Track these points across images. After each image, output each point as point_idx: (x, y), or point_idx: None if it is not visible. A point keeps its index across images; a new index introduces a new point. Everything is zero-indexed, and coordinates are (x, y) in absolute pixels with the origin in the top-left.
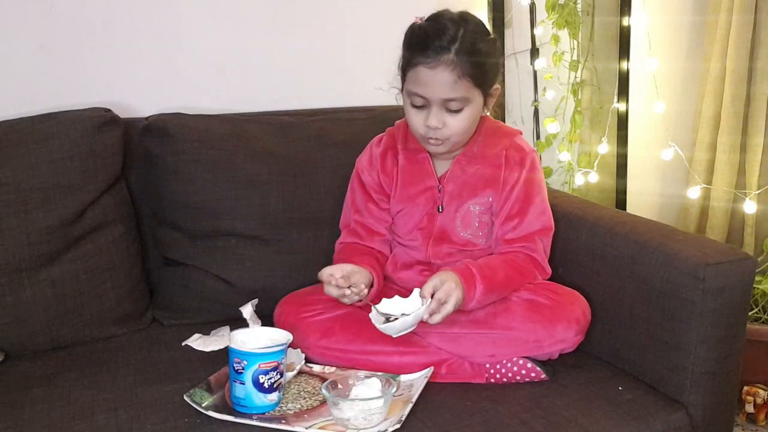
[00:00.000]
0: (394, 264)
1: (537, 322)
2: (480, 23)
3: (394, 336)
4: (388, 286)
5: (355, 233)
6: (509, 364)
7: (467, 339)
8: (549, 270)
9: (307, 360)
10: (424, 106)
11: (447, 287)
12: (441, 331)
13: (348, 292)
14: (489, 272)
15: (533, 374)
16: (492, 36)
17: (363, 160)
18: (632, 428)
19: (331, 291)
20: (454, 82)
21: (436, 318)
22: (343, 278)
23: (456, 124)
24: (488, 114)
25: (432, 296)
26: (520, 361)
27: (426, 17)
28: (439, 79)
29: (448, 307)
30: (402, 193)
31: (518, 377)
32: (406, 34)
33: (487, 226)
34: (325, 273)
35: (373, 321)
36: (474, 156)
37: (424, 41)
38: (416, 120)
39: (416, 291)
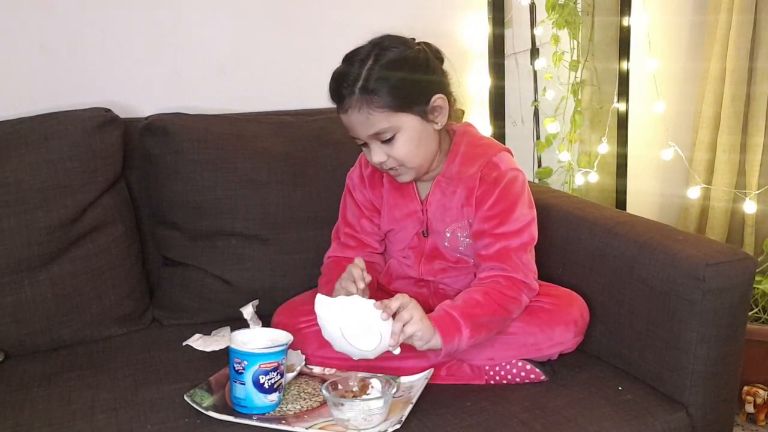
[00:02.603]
0: (388, 275)
1: (535, 325)
2: (399, 44)
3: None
4: (385, 293)
5: (345, 246)
6: (508, 366)
7: None
8: (536, 286)
9: (307, 362)
10: (365, 144)
11: (410, 310)
12: None
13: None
14: (475, 311)
15: (533, 375)
16: (416, 49)
17: (354, 177)
18: (632, 428)
19: (350, 287)
20: (367, 118)
21: (417, 343)
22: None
23: (397, 152)
24: (439, 126)
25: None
26: (519, 363)
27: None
28: (355, 120)
29: (409, 331)
30: (389, 215)
31: (518, 379)
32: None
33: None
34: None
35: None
36: (452, 177)
37: (333, 90)
38: (368, 158)
39: (370, 302)
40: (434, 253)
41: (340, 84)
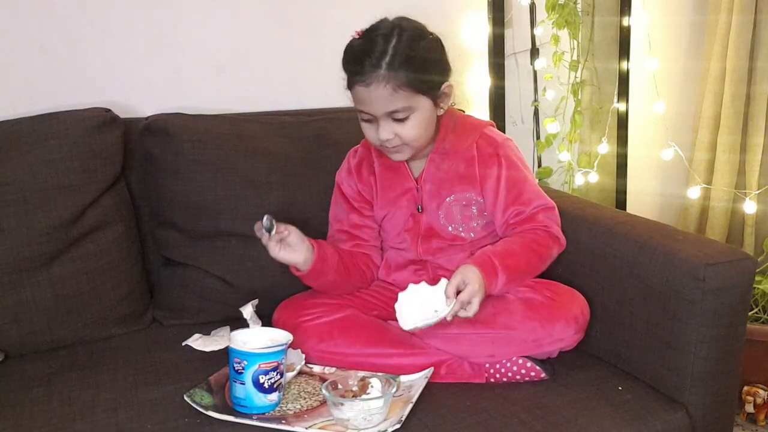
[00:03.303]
0: (387, 267)
1: (536, 320)
2: (416, 29)
3: (405, 329)
4: (385, 287)
5: (339, 241)
6: (509, 364)
7: (466, 339)
8: (564, 240)
9: (307, 361)
10: (371, 120)
11: (470, 289)
12: (440, 331)
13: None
14: (511, 261)
15: (533, 373)
16: (432, 37)
17: (342, 172)
18: (632, 428)
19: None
20: (390, 95)
21: (460, 316)
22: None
23: (407, 132)
24: (442, 112)
25: (456, 294)
26: (520, 361)
27: (361, 32)
28: (376, 95)
29: (474, 308)
30: (383, 197)
31: (518, 377)
32: (343, 54)
33: (471, 220)
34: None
35: (398, 312)
36: (446, 152)
37: (355, 61)
38: (369, 134)
39: (443, 282)
40: (430, 233)
41: (366, 56)
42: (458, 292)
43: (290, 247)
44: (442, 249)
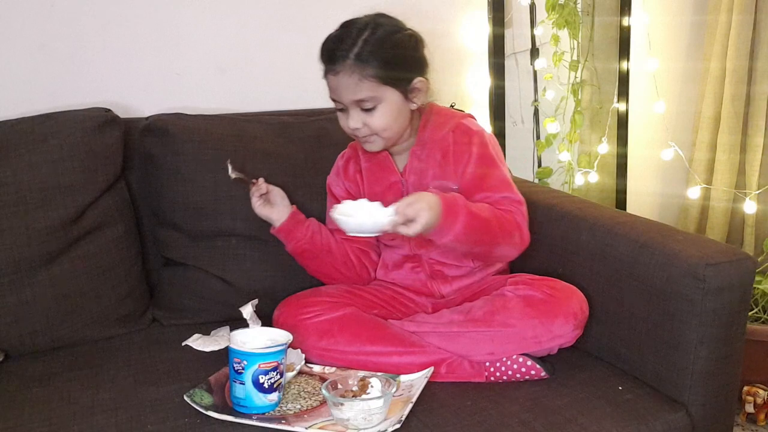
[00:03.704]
0: (385, 267)
1: (534, 317)
2: (392, 24)
3: (348, 233)
4: (385, 287)
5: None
6: (509, 362)
7: (465, 337)
8: (528, 236)
9: (307, 360)
10: (343, 109)
11: (418, 206)
12: (439, 330)
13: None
14: (476, 210)
15: (533, 372)
16: (407, 32)
17: (331, 175)
18: (632, 428)
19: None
20: (356, 84)
21: (400, 232)
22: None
23: (375, 122)
24: (415, 107)
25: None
26: (520, 359)
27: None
28: (343, 83)
29: (416, 227)
30: (369, 193)
31: (518, 375)
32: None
33: None
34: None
35: (333, 215)
36: (425, 143)
37: (327, 51)
38: (342, 122)
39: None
40: None
41: (336, 46)
42: None
43: (270, 204)
44: (431, 243)
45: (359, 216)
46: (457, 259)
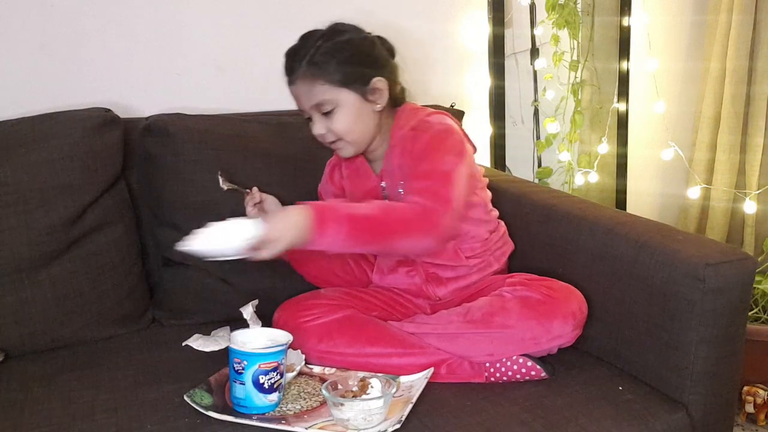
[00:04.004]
0: (380, 271)
1: (533, 318)
2: (348, 31)
3: (204, 256)
4: (381, 294)
5: None
6: (509, 363)
7: (464, 338)
8: (445, 225)
9: (307, 362)
10: (309, 118)
11: (269, 236)
12: (438, 331)
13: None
14: (358, 210)
15: (533, 372)
16: (363, 36)
17: (321, 183)
18: (632, 428)
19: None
20: (310, 89)
21: (259, 256)
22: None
23: (337, 126)
24: (378, 108)
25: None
26: (520, 360)
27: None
28: (300, 91)
29: (262, 255)
30: (351, 198)
31: (518, 375)
32: None
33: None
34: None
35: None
36: (394, 144)
37: (286, 63)
38: (312, 131)
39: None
40: None
41: (292, 57)
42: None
43: (264, 213)
44: None
45: (210, 240)
46: (451, 260)
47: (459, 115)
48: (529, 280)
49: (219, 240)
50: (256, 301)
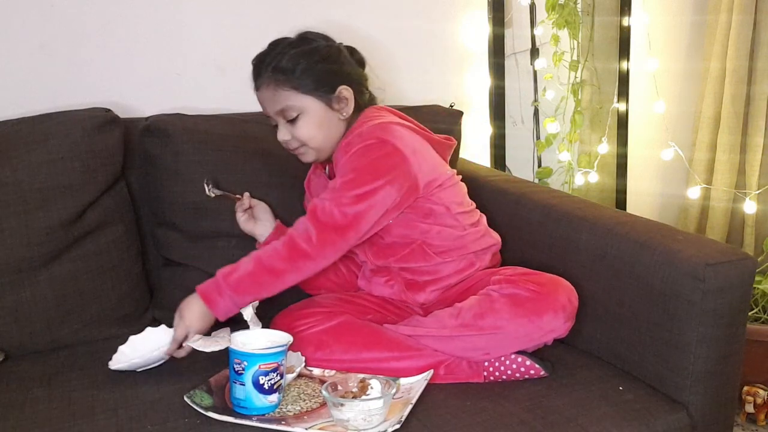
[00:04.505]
0: (364, 278)
1: (523, 316)
2: (316, 39)
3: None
4: (374, 297)
5: None
6: (507, 362)
7: (459, 340)
8: (324, 239)
9: (307, 363)
10: (275, 125)
11: (179, 321)
12: (434, 334)
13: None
14: (241, 272)
15: (532, 371)
16: (331, 44)
17: (306, 179)
18: (632, 428)
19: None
20: (273, 95)
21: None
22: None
23: (301, 132)
24: (344, 117)
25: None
26: (519, 359)
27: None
28: (264, 97)
29: (187, 348)
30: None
31: (517, 374)
32: None
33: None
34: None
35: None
36: (339, 149)
37: (253, 70)
38: (277, 137)
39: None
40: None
41: (258, 64)
42: None
43: (254, 219)
44: (386, 251)
45: (134, 354)
46: (424, 262)
47: (459, 115)
48: (514, 275)
49: (141, 352)
50: (256, 303)
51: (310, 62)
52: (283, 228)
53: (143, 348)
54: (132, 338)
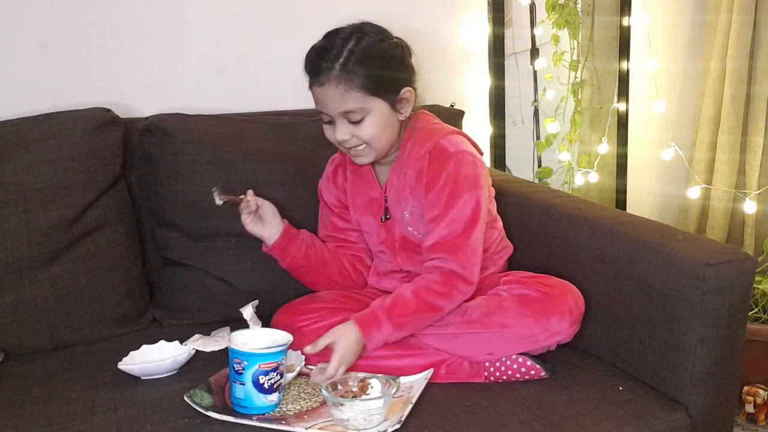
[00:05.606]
0: (377, 274)
1: (530, 316)
2: (377, 34)
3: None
4: (378, 295)
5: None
6: (509, 362)
7: (463, 339)
8: (474, 278)
9: (307, 362)
10: (331, 121)
11: (336, 361)
12: (437, 332)
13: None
14: (399, 310)
15: (533, 372)
16: (393, 41)
17: (322, 180)
18: (632, 428)
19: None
20: (343, 95)
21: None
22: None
23: (363, 134)
24: (403, 117)
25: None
26: (520, 359)
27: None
28: (329, 95)
29: (328, 373)
30: (353, 205)
31: (518, 375)
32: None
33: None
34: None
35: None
36: (404, 161)
37: (311, 63)
38: (329, 134)
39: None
40: (404, 242)
41: (321, 57)
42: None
43: (261, 221)
44: (420, 258)
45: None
46: None
47: (459, 115)
48: (524, 277)
49: (151, 359)
50: (256, 302)
51: (381, 63)
52: (292, 230)
53: (152, 357)
54: (145, 347)
